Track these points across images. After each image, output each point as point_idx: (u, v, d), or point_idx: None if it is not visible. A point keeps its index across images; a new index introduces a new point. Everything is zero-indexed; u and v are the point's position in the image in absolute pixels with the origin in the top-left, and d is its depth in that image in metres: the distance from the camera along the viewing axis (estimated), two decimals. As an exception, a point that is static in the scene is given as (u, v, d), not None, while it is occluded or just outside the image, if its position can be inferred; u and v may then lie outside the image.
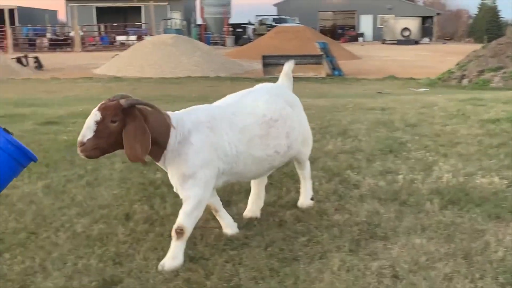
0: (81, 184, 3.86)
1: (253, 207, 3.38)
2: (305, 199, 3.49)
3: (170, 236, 3.01)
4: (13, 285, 2.56)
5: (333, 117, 6.03)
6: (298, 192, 3.66)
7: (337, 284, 2.54)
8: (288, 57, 22.42)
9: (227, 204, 3.49)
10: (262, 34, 38.50)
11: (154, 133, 2.68)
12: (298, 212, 3.37)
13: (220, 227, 3.16)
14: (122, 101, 2.62)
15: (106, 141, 2.60)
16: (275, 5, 59.49)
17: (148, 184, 3.85)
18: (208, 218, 3.27)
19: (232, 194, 3.68)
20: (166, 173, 4.01)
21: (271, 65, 21.65)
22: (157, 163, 2.88)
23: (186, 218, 2.80)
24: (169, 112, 2.83)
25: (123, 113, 2.61)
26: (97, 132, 2.57)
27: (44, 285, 2.56)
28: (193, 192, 2.82)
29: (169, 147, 2.79)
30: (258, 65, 23.75)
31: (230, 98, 3.20)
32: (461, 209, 3.35)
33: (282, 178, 3.94)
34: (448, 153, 4.51)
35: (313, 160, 4.30)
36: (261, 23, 45.99)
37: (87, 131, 2.58)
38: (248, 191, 3.53)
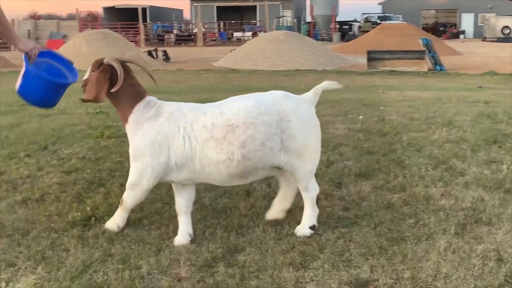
0: (207, 162, 3.96)
1: (276, 208, 3.02)
2: (302, 227, 2.89)
3: (286, 212, 3.05)
4: (151, 248, 2.68)
5: (438, 109, 5.82)
6: (405, 177, 3.57)
7: (443, 264, 2.46)
8: (392, 52, 21.88)
9: (337, 186, 3.48)
10: (367, 31, 37.70)
11: (123, 93, 2.84)
12: (405, 195, 3.29)
13: (332, 206, 3.15)
14: (105, 59, 2.85)
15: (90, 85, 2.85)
16: (380, 3, 58.09)
17: (266, 164, 3.89)
18: (320, 198, 3.26)
19: (343, 176, 3.65)
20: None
21: (375, 59, 21.20)
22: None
23: (126, 193, 2.84)
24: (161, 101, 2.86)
25: (99, 67, 2.83)
26: (88, 78, 2.87)
27: (177, 250, 2.66)
28: (131, 174, 2.80)
29: (130, 118, 2.80)
30: (362, 60, 23.31)
31: (227, 99, 2.93)
32: None
33: (390, 164, 3.86)
34: (553, 146, 4.24)
35: (419, 148, 4.19)
36: (367, 20, 45.06)
37: (85, 75, 2.90)
38: (360, 176, 3.50)
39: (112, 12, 50.62)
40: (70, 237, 2.77)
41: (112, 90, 2.81)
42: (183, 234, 2.81)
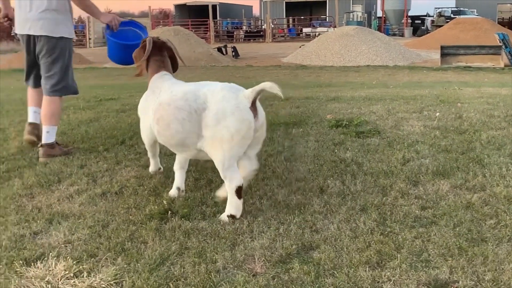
0: (280, 159, 3.97)
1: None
2: (223, 214, 3.01)
3: (362, 210, 3.02)
4: (226, 242, 2.70)
5: (519, 106, 5.59)
6: (485, 176, 3.45)
7: (528, 267, 2.36)
8: (466, 48, 21.22)
9: (414, 184, 3.40)
10: (440, 26, 36.70)
11: (149, 66, 3.45)
12: (485, 195, 3.18)
13: (409, 205, 3.08)
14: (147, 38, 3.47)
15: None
16: (454, -3, 56.30)
17: (339, 161, 3.85)
18: (396, 196, 3.21)
19: (419, 174, 3.56)
20: (356, 151, 4.02)
21: (449, 55, 20.63)
22: None
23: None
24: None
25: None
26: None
27: (251, 245, 2.67)
28: None
29: (148, 86, 3.41)
30: (435, 55, 22.71)
31: (199, 82, 3.23)
32: None
33: (469, 162, 3.73)
34: None
35: (499, 146, 4.03)
36: (440, 15, 43.83)
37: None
38: (438, 174, 3.40)
39: (183, 9, 51.61)
40: (148, 230, 2.84)
41: (137, 63, 3.46)
42: (174, 188, 3.37)
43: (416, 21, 47.60)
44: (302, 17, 45.40)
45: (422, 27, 44.70)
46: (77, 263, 2.48)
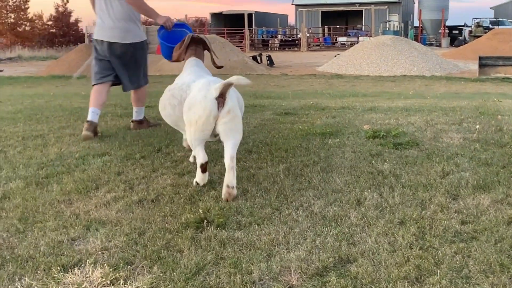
0: (316, 169, 3.93)
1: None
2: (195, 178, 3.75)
3: (400, 224, 2.96)
4: (262, 253, 2.68)
5: (562, 119, 5.43)
6: (528, 192, 3.35)
7: None
8: (506, 59, 20.85)
9: (454, 198, 3.32)
10: (478, 36, 36.14)
11: (189, 50, 4.20)
12: (528, 211, 3.09)
13: (448, 219, 3.01)
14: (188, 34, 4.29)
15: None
16: (492, 8, 55.54)
17: (376, 173, 3.79)
18: (436, 210, 3.14)
19: (459, 188, 3.47)
20: (394, 163, 3.96)
21: (487, 66, 20.27)
22: None
23: None
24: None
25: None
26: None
27: (287, 257, 2.64)
28: None
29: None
30: (473, 66, 22.35)
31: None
32: None
33: (510, 176, 3.63)
34: None
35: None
36: (478, 25, 43.15)
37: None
38: (478, 188, 3.32)
39: (219, 17, 51.99)
40: (184, 239, 2.83)
41: (175, 52, 4.23)
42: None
43: (454, 31, 46.99)
44: (338, 26, 45.24)
45: (460, 38, 44.11)
46: (114, 270, 2.49)
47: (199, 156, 3.61)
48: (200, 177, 3.68)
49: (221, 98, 3.40)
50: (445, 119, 5.56)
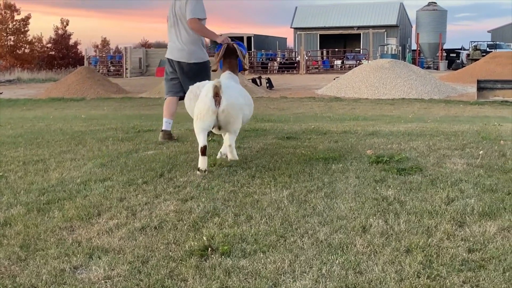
0: (320, 195, 3.90)
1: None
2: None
3: (407, 252, 2.93)
4: (267, 282, 2.63)
5: None
6: (533, 219, 3.32)
7: None
8: (504, 82, 20.95)
9: (460, 225, 3.29)
10: (476, 59, 36.39)
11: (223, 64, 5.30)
12: (535, 239, 3.05)
13: (455, 247, 2.97)
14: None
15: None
16: (489, 31, 55.97)
17: (381, 199, 3.76)
18: (442, 238, 3.10)
19: (465, 215, 3.44)
20: (399, 189, 3.93)
21: (486, 89, 20.38)
22: None
23: None
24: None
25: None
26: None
27: (293, 286, 2.59)
28: None
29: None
30: (472, 89, 22.44)
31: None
32: None
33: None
34: None
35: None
36: (476, 48, 43.45)
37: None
38: (484, 215, 3.28)
39: (218, 40, 52.01)
40: (188, 267, 2.79)
41: (215, 62, 5.35)
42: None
43: (451, 55, 47.29)
44: (336, 50, 45.51)
45: (457, 61, 44.36)
46: (118, 300, 2.44)
47: (200, 141, 4.55)
48: (200, 161, 4.56)
49: (217, 97, 4.42)
50: (448, 144, 5.55)
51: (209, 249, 2.99)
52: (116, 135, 6.96)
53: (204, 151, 4.52)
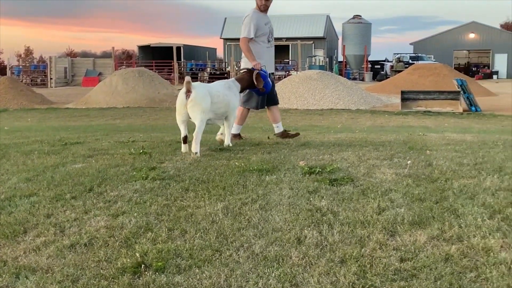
0: (255, 207, 3.87)
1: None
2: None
3: (341, 262, 2.95)
4: (204, 298, 2.59)
5: (486, 154, 5.64)
6: (461, 227, 3.43)
7: (515, 325, 2.32)
8: (426, 93, 21.76)
9: (391, 235, 3.36)
10: (399, 71, 37.71)
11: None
12: (463, 247, 3.14)
13: (387, 257, 3.02)
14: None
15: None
16: (411, 43, 58.22)
17: (315, 210, 3.79)
18: (375, 247, 3.15)
19: (395, 224, 3.51)
20: (331, 200, 3.97)
21: (409, 99, 21.13)
22: None
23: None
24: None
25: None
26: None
27: (230, 301, 2.56)
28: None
29: None
30: (396, 100, 23.19)
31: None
32: None
33: (443, 212, 3.71)
34: None
35: (472, 195, 4.04)
36: (399, 60, 45.08)
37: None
38: (414, 224, 3.36)
39: (147, 50, 51.66)
40: (120, 285, 2.70)
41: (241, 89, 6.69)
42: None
43: (376, 66, 48.80)
44: (265, 60, 45.89)
45: (382, 72, 45.80)
46: (47, 324, 2.33)
47: (181, 131, 5.86)
48: (182, 147, 5.93)
49: (188, 93, 5.58)
50: (376, 154, 5.68)
51: (142, 265, 2.91)
52: (41, 148, 6.69)
53: (185, 140, 5.90)
